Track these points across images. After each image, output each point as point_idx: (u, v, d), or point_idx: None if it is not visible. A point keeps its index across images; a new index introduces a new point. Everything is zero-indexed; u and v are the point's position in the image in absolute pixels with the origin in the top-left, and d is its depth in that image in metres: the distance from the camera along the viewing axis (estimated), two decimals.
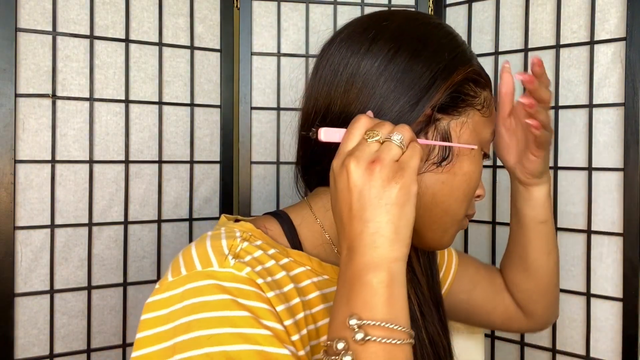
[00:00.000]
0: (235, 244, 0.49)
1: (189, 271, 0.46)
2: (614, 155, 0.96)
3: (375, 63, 0.51)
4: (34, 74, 0.95)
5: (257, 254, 0.49)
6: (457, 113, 0.53)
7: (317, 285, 0.53)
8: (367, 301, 0.42)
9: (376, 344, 0.41)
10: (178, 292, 0.45)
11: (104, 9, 1.00)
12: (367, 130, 0.46)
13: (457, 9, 1.15)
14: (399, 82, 0.51)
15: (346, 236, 0.45)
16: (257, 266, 0.48)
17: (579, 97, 1.00)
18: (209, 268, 0.45)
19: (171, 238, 1.07)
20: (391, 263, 0.43)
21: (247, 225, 0.53)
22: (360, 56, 0.52)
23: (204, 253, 0.47)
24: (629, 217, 0.93)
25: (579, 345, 1.00)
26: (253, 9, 1.11)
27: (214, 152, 1.12)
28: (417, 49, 0.52)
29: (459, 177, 0.54)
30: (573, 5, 1.00)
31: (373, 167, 0.44)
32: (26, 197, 0.94)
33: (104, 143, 1.00)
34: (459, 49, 0.55)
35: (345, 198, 0.45)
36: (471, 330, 0.94)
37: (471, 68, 0.54)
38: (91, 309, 1.00)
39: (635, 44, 0.93)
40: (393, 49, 0.52)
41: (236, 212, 1.14)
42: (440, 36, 0.54)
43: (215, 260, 0.46)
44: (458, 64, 0.53)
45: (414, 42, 0.53)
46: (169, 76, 1.07)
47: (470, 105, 0.54)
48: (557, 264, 0.74)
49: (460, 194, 0.54)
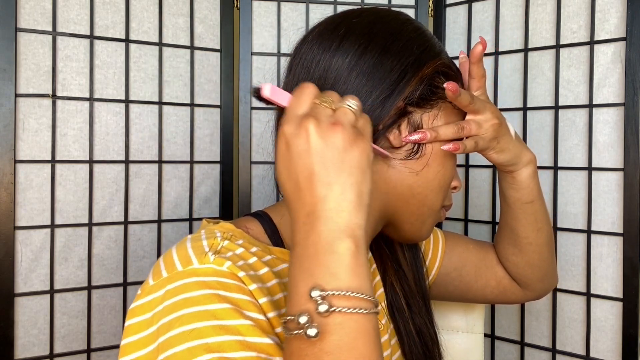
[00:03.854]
0: (215, 242, 0.48)
1: (169, 272, 0.45)
2: (614, 155, 0.96)
3: (346, 59, 0.52)
4: (34, 74, 0.95)
5: (238, 251, 0.48)
6: (429, 106, 0.54)
7: None
8: (332, 270, 0.40)
9: (342, 314, 0.39)
10: (159, 295, 0.44)
11: (104, 9, 1.00)
12: (316, 98, 0.46)
13: (457, 9, 1.15)
14: (370, 77, 0.52)
15: (305, 203, 0.42)
16: (239, 261, 0.47)
17: (579, 97, 1.00)
18: (189, 266, 0.45)
19: (171, 238, 1.07)
20: (356, 229, 0.42)
21: (227, 225, 0.53)
22: (332, 53, 0.53)
23: (184, 254, 0.47)
24: (629, 217, 0.93)
25: (579, 345, 1.00)
26: (253, 9, 1.11)
27: (214, 152, 1.12)
28: (386, 44, 0.53)
29: (434, 168, 0.55)
30: (573, 5, 1.00)
31: (335, 129, 0.42)
32: (26, 197, 0.94)
33: (104, 143, 1.00)
34: (428, 43, 0.55)
35: (304, 162, 0.42)
36: (471, 330, 0.94)
37: (441, 61, 0.55)
38: (91, 309, 1.00)
39: (635, 44, 0.93)
40: (363, 45, 0.52)
41: (236, 212, 1.14)
42: (409, 31, 0.55)
43: (195, 258, 0.46)
44: (428, 58, 0.54)
45: (384, 37, 0.53)
46: (169, 76, 1.07)
47: (441, 97, 0.55)
48: (548, 238, 0.73)
49: (436, 184, 0.55)
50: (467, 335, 0.94)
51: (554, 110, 1.02)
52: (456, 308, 0.93)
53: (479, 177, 1.13)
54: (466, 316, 0.93)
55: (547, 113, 1.04)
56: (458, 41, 1.15)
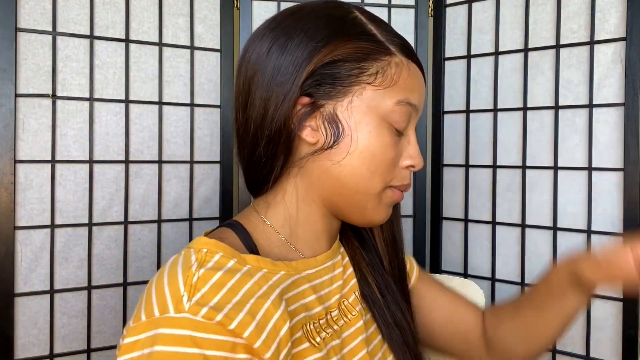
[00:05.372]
0: (190, 274, 0.47)
1: (147, 317, 0.45)
2: (614, 155, 0.96)
3: (258, 61, 0.55)
4: (34, 74, 0.95)
5: (215, 278, 0.47)
6: (340, 95, 0.53)
7: (275, 283, 0.52)
8: None
9: None
10: (140, 339, 0.45)
11: (104, 9, 1.00)
12: None
13: (457, 9, 1.15)
14: (272, 78, 0.53)
15: None
16: (218, 293, 0.46)
17: (579, 97, 1.00)
18: (165, 314, 0.45)
19: (171, 238, 1.07)
20: None
21: (202, 239, 0.52)
22: (255, 54, 0.56)
23: (161, 295, 0.46)
24: (629, 217, 0.93)
25: (579, 345, 1.00)
26: (253, 9, 1.11)
27: (214, 152, 1.12)
28: (285, 42, 0.54)
29: (357, 155, 0.54)
30: (573, 5, 1.00)
31: None
32: (26, 197, 0.94)
33: (104, 143, 1.00)
34: (330, 29, 0.54)
35: None
36: None
37: (346, 45, 0.53)
38: (91, 309, 1.00)
39: (635, 44, 0.93)
40: (267, 45, 0.55)
41: (236, 212, 1.14)
42: (312, 20, 0.54)
43: (171, 304, 0.45)
44: (323, 46, 0.53)
45: (283, 36, 0.54)
46: (169, 76, 1.07)
47: (354, 83, 0.53)
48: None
49: (364, 170, 0.54)
50: None
51: (554, 110, 1.02)
52: None
53: (479, 177, 1.13)
54: None
55: (547, 113, 1.03)
56: (458, 41, 1.15)
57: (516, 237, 1.08)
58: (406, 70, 0.55)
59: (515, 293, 1.08)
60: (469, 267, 1.15)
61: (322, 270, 0.59)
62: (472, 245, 1.14)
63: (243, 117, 0.57)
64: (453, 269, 1.17)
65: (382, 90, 0.54)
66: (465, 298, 0.75)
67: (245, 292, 0.47)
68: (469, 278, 1.12)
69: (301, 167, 0.56)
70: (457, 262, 1.17)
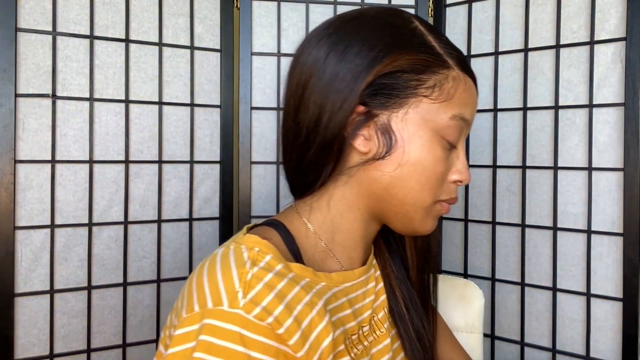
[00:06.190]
0: (244, 271, 0.47)
1: (201, 308, 0.45)
2: (614, 155, 0.96)
3: (314, 65, 0.54)
4: (34, 74, 0.95)
5: (267, 278, 0.47)
6: (396, 105, 0.53)
7: (319, 293, 0.52)
8: None
9: None
10: (195, 329, 0.44)
11: (104, 9, 1.00)
12: None
13: (457, 9, 1.15)
14: (329, 84, 0.53)
15: None
16: (269, 294, 0.46)
17: (579, 97, 1.00)
18: (219, 307, 0.44)
19: (171, 238, 1.07)
20: None
21: (253, 238, 0.52)
22: (313, 50, 0.55)
23: (215, 288, 0.46)
24: (629, 217, 0.93)
25: (579, 345, 1.00)
26: (253, 9, 1.11)
27: (214, 152, 1.12)
28: (344, 49, 0.53)
29: (408, 168, 0.53)
30: (573, 5, 1.00)
31: None
32: (26, 197, 0.94)
33: (104, 143, 1.00)
34: (391, 39, 0.53)
35: None
36: (471, 330, 0.93)
37: (405, 56, 0.52)
38: (91, 309, 1.00)
39: (635, 44, 0.93)
40: (325, 50, 0.54)
41: (236, 212, 1.13)
42: (373, 29, 0.54)
43: (225, 298, 0.45)
44: (384, 57, 0.52)
45: (342, 42, 0.53)
46: (169, 76, 1.07)
47: (411, 95, 0.53)
48: None
49: (415, 183, 0.54)
50: (467, 335, 0.94)
51: (554, 110, 1.02)
52: (455, 308, 0.93)
53: (479, 177, 1.13)
54: (466, 316, 0.93)
55: (547, 113, 1.03)
56: (458, 41, 1.15)
57: (516, 237, 1.08)
58: (462, 84, 0.55)
59: (515, 293, 1.08)
60: (469, 267, 1.15)
61: (358, 283, 0.59)
62: (472, 245, 1.14)
63: (294, 121, 0.56)
64: (453, 269, 1.17)
65: (438, 104, 0.53)
66: (464, 353, 0.76)
67: (293, 297, 0.47)
68: (469, 278, 1.12)
69: (351, 176, 0.55)
70: (457, 262, 1.17)
